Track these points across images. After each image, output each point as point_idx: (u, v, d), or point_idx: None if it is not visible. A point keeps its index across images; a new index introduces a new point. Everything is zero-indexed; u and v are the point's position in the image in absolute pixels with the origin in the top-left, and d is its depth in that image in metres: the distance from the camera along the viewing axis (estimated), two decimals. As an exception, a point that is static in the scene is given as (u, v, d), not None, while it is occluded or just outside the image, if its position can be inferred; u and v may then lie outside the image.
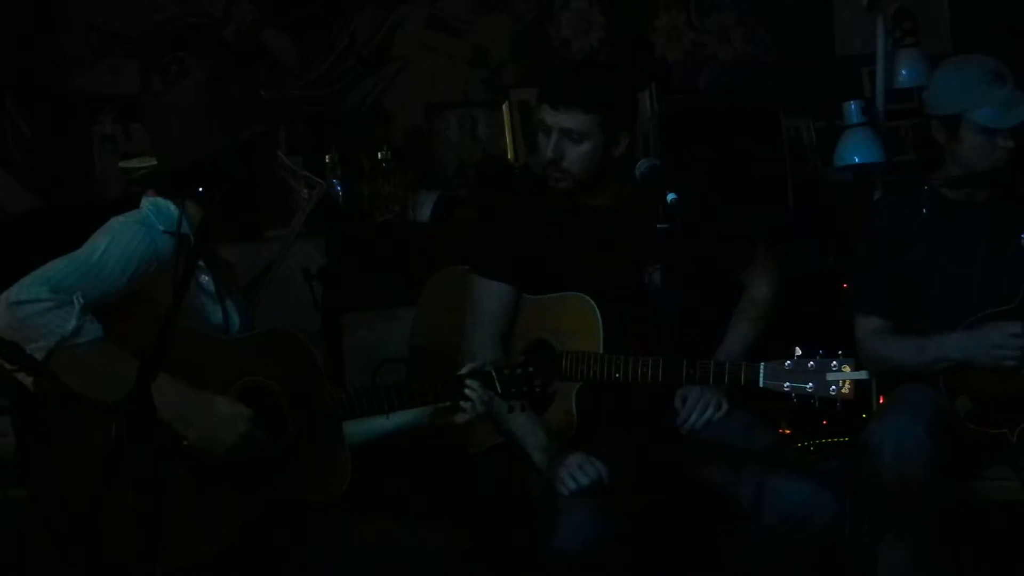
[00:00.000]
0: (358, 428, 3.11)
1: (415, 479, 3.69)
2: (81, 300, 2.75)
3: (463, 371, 3.15)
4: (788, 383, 3.21)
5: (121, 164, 4.34)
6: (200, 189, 2.82)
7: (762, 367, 3.27)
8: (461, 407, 3.11)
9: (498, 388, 3.15)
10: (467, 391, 3.11)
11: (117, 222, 2.95)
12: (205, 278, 3.05)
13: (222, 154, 2.93)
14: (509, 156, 5.14)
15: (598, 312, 3.48)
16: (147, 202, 3.02)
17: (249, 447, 2.85)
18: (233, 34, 5.19)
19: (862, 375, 3.18)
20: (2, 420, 3.03)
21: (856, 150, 4.93)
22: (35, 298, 2.73)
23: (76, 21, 4.98)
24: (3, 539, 3.43)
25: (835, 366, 3.17)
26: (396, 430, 3.21)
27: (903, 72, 5.03)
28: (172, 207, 2.97)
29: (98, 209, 3.09)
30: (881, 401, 3.89)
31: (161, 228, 2.93)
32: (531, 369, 3.20)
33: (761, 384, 3.27)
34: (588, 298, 3.50)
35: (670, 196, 3.17)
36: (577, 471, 3.37)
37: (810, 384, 3.19)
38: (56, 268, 2.80)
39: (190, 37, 5.13)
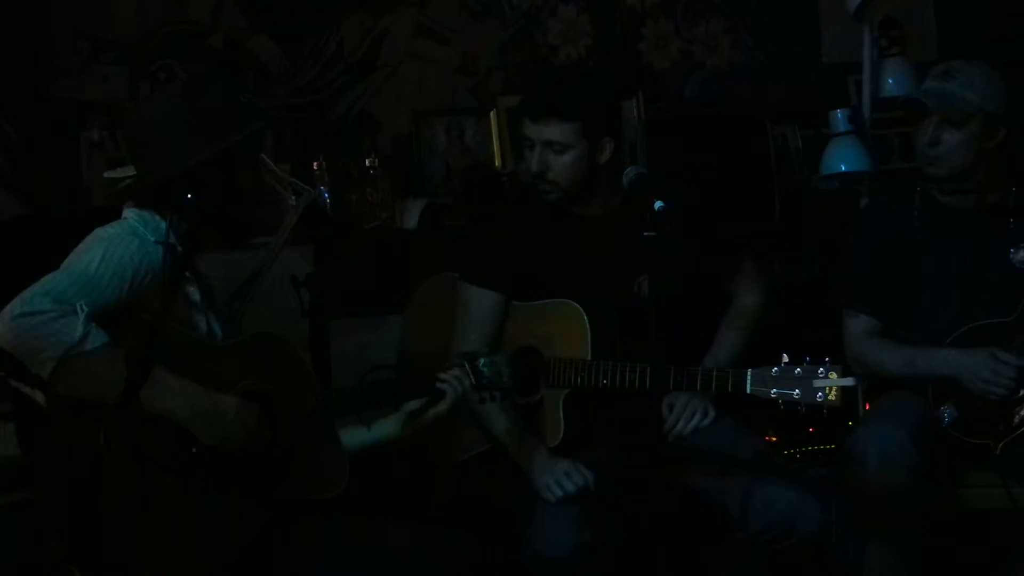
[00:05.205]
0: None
1: (403, 485, 3.69)
2: (85, 308, 2.76)
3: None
4: (775, 390, 3.22)
5: (106, 174, 4.34)
6: (188, 196, 2.83)
7: (749, 373, 3.27)
8: (444, 391, 3.17)
9: (471, 378, 3.18)
10: (441, 377, 3.17)
11: (106, 232, 2.96)
12: (192, 289, 3.07)
13: (201, 165, 2.93)
14: (496, 163, 5.15)
15: (586, 319, 3.49)
16: (131, 212, 3.02)
17: (258, 443, 2.87)
18: (221, 41, 5.18)
19: (849, 382, 3.19)
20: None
21: (843, 158, 4.94)
22: (38, 309, 2.74)
23: (64, 28, 4.98)
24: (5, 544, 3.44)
25: (822, 373, 3.18)
26: (377, 442, 3.24)
27: (889, 81, 5.05)
28: (157, 217, 2.98)
29: (85, 217, 3.09)
30: (868, 408, 3.90)
31: (152, 239, 2.94)
32: (497, 359, 3.23)
33: (748, 390, 3.28)
34: (576, 305, 3.51)
35: (657, 204, 3.18)
36: (564, 478, 3.38)
37: (797, 391, 3.19)
38: (55, 281, 2.81)
39: (178, 44, 5.13)
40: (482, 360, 3.24)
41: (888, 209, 3.84)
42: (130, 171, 3.19)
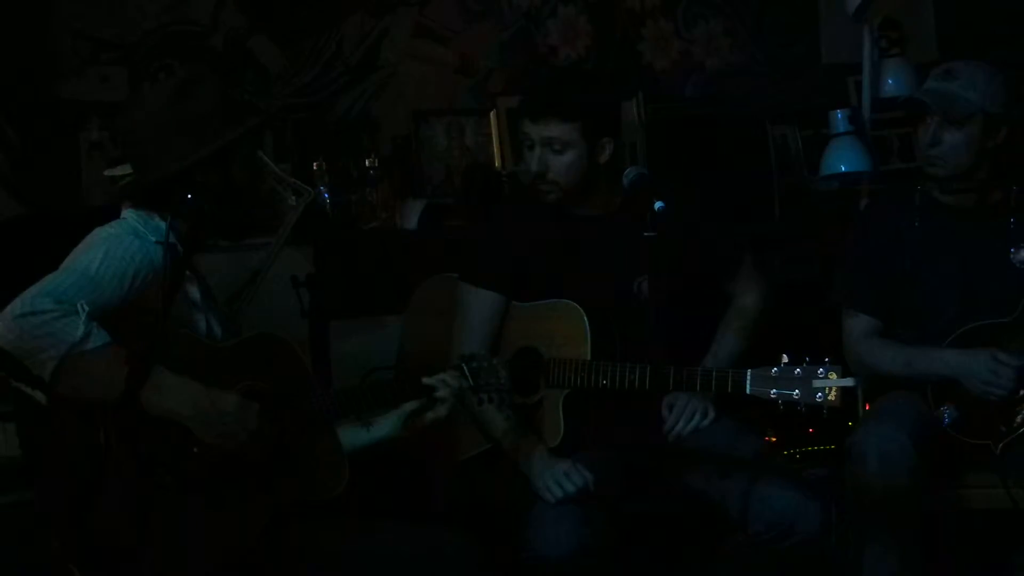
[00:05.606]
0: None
1: (403, 485, 3.69)
2: (86, 308, 2.76)
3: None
4: (775, 390, 3.22)
5: (106, 172, 4.34)
6: (188, 196, 2.83)
7: (749, 373, 3.27)
8: (438, 397, 3.15)
9: (469, 380, 3.18)
10: (434, 382, 3.16)
11: (106, 232, 2.95)
12: (192, 289, 3.07)
13: (198, 165, 2.93)
14: (496, 163, 5.15)
15: (586, 320, 3.49)
16: (130, 213, 3.02)
17: (259, 442, 2.87)
18: (221, 41, 5.18)
19: (848, 382, 3.19)
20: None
21: (842, 159, 4.95)
22: (40, 309, 2.74)
23: (64, 28, 4.98)
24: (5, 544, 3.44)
25: (821, 373, 3.18)
26: (375, 443, 3.24)
27: (889, 81, 5.06)
28: (156, 217, 2.98)
29: (85, 216, 3.09)
30: (867, 408, 3.90)
31: (152, 238, 2.94)
32: (495, 361, 3.23)
33: (748, 391, 3.28)
34: (576, 306, 3.51)
35: (657, 205, 3.18)
36: (563, 478, 3.38)
37: (796, 391, 3.19)
38: (56, 281, 2.81)
39: (178, 45, 5.13)
40: (479, 362, 3.24)
41: (888, 209, 3.84)
42: (130, 168, 3.19)
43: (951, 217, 3.72)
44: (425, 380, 3.18)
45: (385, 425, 3.25)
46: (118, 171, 3.79)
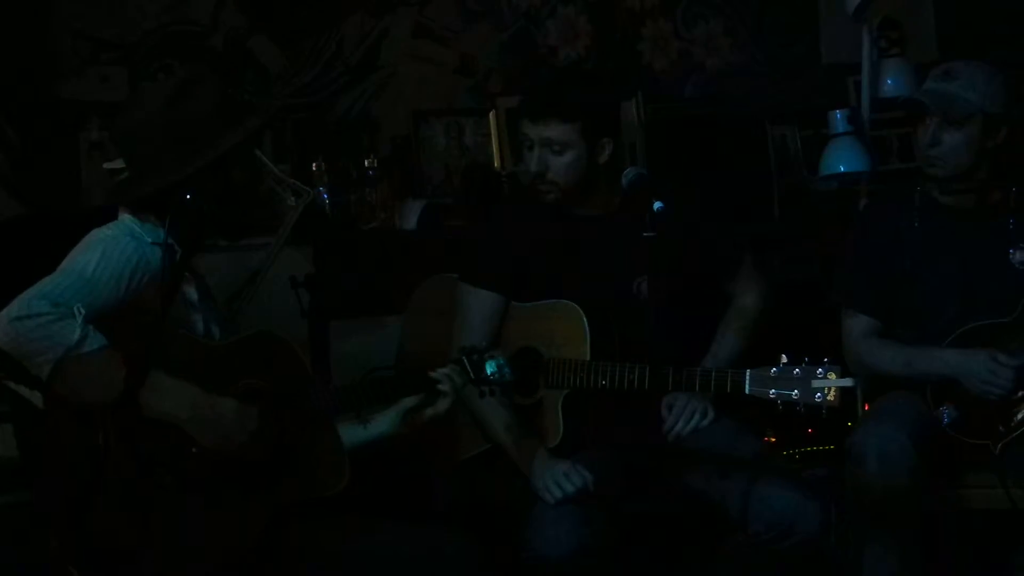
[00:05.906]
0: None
1: (403, 484, 3.69)
2: (83, 311, 2.76)
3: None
4: (774, 390, 3.22)
5: (106, 165, 4.34)
6: (187, 197, 2.82)
7: (748, 374, 3.27)
8: (440, 390, 3.15)
9: (470, 373, 3.18)
10: (438, 375, 3.16)
11: (103, 234, 2.95)
12: (190, 289, 3.07)
13: (194, 173, 2.92)
14: (496, 164, 5.15)
15: (585, 320, 3.49)
16: (127, 216, 3.02)
17: (260, 443, 2.87)
18: (221, 41, 5.18)
19: (848, 382, 3.19)
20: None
21: (842, 159, 4.95)
22: (36, 312, 2.74)
23: (64, 28, 4.98)
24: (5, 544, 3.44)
25: (821, 373, 3.17)
26: (374, 439, 3.24)
27: (888, 81, 5.06)
28: (153, 218, 2.98)
29: (85, 217, 3.09)
30: (867, 409, 3.90)
31: (149, 240, 2.93)
32: (497, 353, 3.23)
33: (747, 391, 3.27)
34: (576, 306, 3.51)
35: (656, 205, 3.18)
36: (563, 479, 3.37)
37: (796, 391, 3.19)
38: (53, 284, 2.81)
39: (178, 45, 5.13)
40: (481, 354, 3.24)
41: (888, 209, 3.84)
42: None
43: (951, 217, 3.72)
44: (431, 373, 3.18)
45: (383, 422, 3.24)
46: (117, 164, 3.78)
